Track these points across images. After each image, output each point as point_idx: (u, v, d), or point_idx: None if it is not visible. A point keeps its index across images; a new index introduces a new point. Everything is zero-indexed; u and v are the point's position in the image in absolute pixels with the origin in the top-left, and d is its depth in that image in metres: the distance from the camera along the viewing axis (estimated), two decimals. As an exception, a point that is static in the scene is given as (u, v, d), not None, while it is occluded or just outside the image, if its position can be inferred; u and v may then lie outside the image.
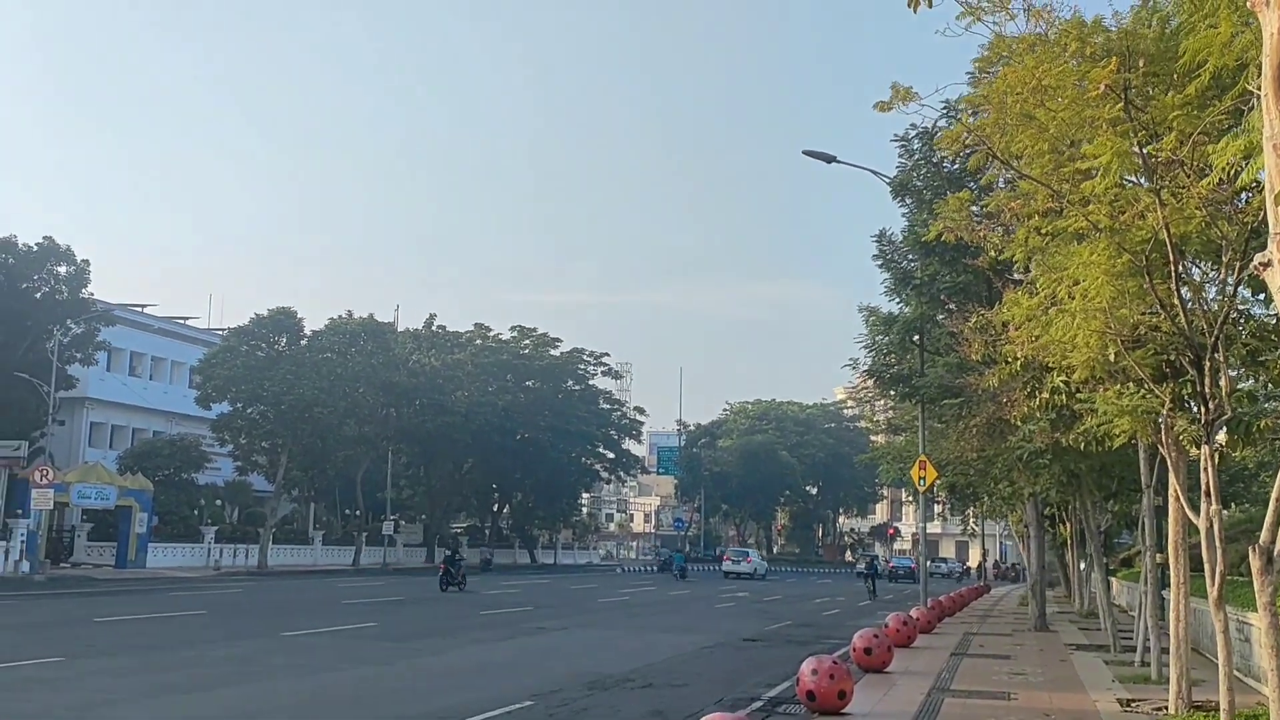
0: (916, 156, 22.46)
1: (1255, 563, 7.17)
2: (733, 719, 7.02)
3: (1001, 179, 13.63)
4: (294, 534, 57.23)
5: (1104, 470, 18.78)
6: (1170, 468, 10.29)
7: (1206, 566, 9.27)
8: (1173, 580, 11.37)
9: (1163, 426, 10.05)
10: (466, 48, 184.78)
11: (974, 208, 12.60)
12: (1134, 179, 9.41)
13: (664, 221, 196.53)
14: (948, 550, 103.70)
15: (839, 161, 25.38)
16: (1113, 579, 31.90)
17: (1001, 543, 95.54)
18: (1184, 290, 9.18)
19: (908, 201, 23.26)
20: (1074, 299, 9.09)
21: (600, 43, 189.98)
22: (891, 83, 8.40)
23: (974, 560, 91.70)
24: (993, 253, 12.23)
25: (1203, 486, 9.32)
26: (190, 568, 45.77)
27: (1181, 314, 8.85)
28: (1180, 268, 8.95)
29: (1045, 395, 12.24)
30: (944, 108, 21.01)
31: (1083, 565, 34.55)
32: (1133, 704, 11.82)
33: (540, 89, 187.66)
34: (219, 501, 53.67)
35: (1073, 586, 38.85)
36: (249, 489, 55.23)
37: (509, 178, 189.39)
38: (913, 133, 22.11)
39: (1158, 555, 15.34)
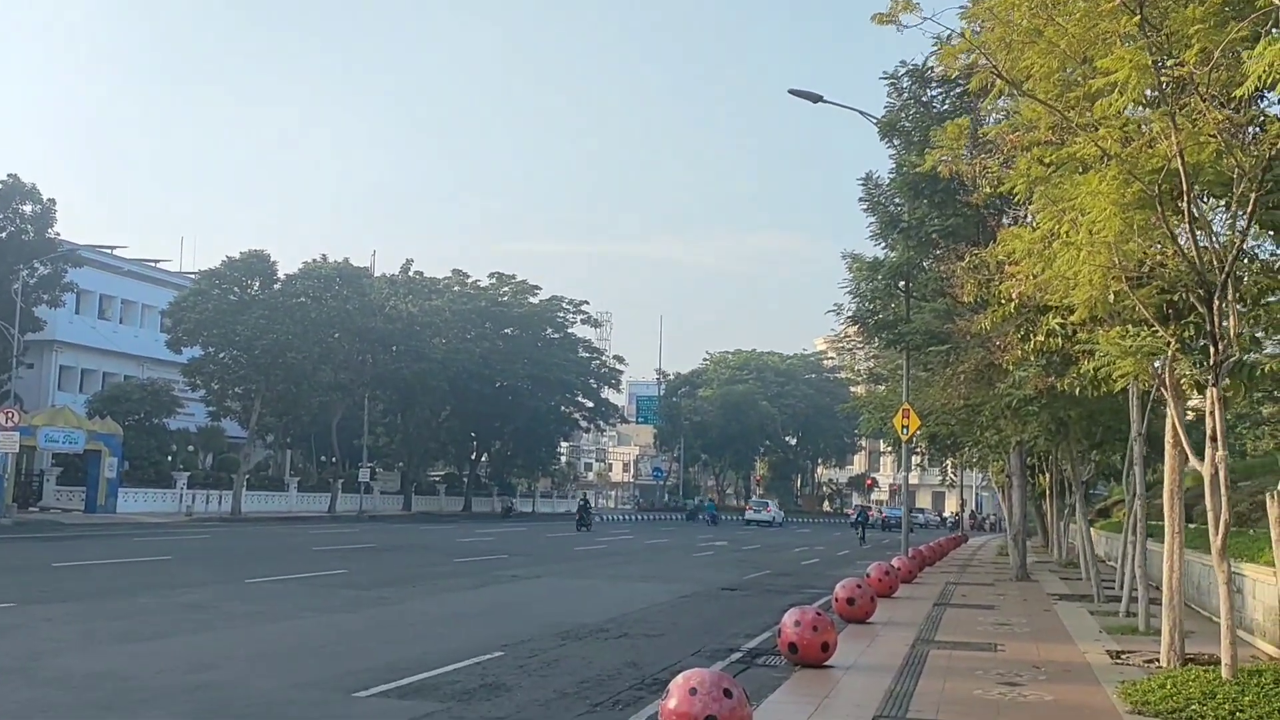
0: (906, 95, 21.73)
1: (1274, 510, 6.68)
2: (709, 674, 6.51)
3: (991, 117, 13.01)
4: (269, 480, 56.68)
5: (1091, 418, 18.39)
6: (1171, 412, 9.81)
7: (1210, 515, 8.83)
8: (1167, 530, 10.94)
9: (1165, 369, 9.54)
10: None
11: (967, 146, 11.98)
12: (1144, 109, 8.83)
13: (645, 172, 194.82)
14: (924, 501, 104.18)
15: (825, 101, 24.69)
16: (1090, 529, 31.74)
17: (977, 494, 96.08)
18: (1194, 223, 8.63)
19: (896, 143, 22.54)
20: (1079, 232, 8.52)
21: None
22: (891, -9, 7.72)
23: (950, 510, 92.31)
24: (987, 188, 11.65)
25: (1208, 431, 8.86)
26: (162, 513, 45.19)
27: (1194, 248, 8.31)
28: (1192, 199, 8.40)
29: (1040, 338, 11.74)
30: (937, 42, 20.36)
31: (1064, 514, 34.37)
32: (1122, 655, 11.45)
33: (520, 40, 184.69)
34: (191, 447, 52.95)
35: (1051, 537, 38.79)
36: (222, 435, 54.51)
37: (487, 127, 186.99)
38: (902, 70, 21.37)
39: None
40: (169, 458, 49.90)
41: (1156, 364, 10.19)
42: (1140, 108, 8.61)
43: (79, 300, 52.71)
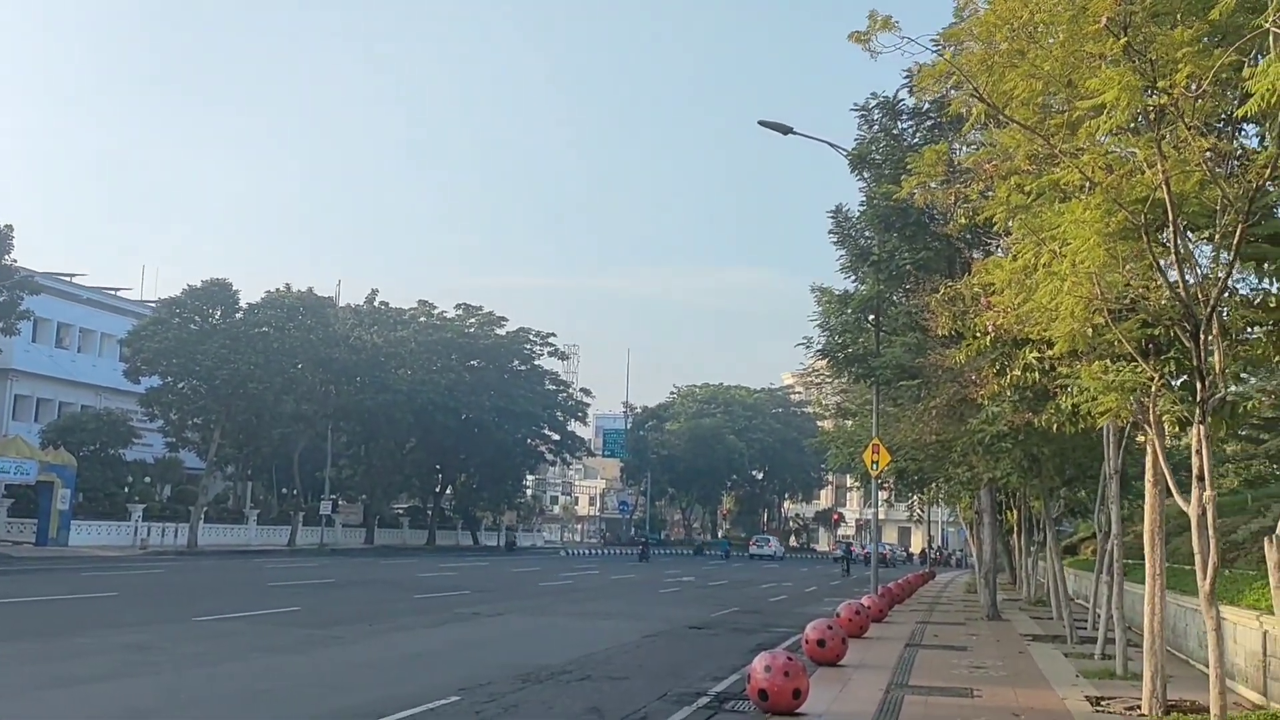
0: (876, 128, 21.62)
1: (1272, 556, 6.33)
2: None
3: (962, 149, 12.77)
4: (228, 513, 55.58)
5: (1063, 455, 18.16)
6: (1157, 449, 9.50)
7: (1198, 558, 8.48)
8: (1148, 572, 10.62)
9: (1150, 406, 9.23)
10: (416, 28, 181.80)
11: (935, 180, 11.70)
12: (1128, 133, 8.58)
13: (612, 206, 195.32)
14: (890, 536, 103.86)
15: (795, 133, 24.49)
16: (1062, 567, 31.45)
17: (943, 529, 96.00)
18: (1180, 254, 8.36)
19: (866, 175, 22.41)
20: (1062, 261, 8.22)
21: (552, 22, 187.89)
22: (870, 11, 7.42)
23: (916, 546, 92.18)
24: (963, 219, 11.37)
25: (1194, 470, 8.54)
26: (116, 546, 44.08)
27: (1181, 280, 8.02)
28: (1178, 230, 8.12)
29: (1016, 372, 11.42)
30: (908, 74, 20.23)
31: (1033, 551, 34.17)
32: (1103, 702, 11.08)
33: (491, 71, 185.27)
34: (148, 479, 51.85)
35: (1019, 574, 38.54)
36: (180, 466, 53.45)
37: (454, 159, 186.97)
38: (873, 102, 21.26)
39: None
40: (124, 489, 48.81)
41: (1134, 400, 9.90)
42: (1124, 133, 8.34)
43: (36, 328, 51.78)
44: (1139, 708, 10.48)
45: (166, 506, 50.73)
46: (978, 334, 11.49)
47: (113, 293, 60.91)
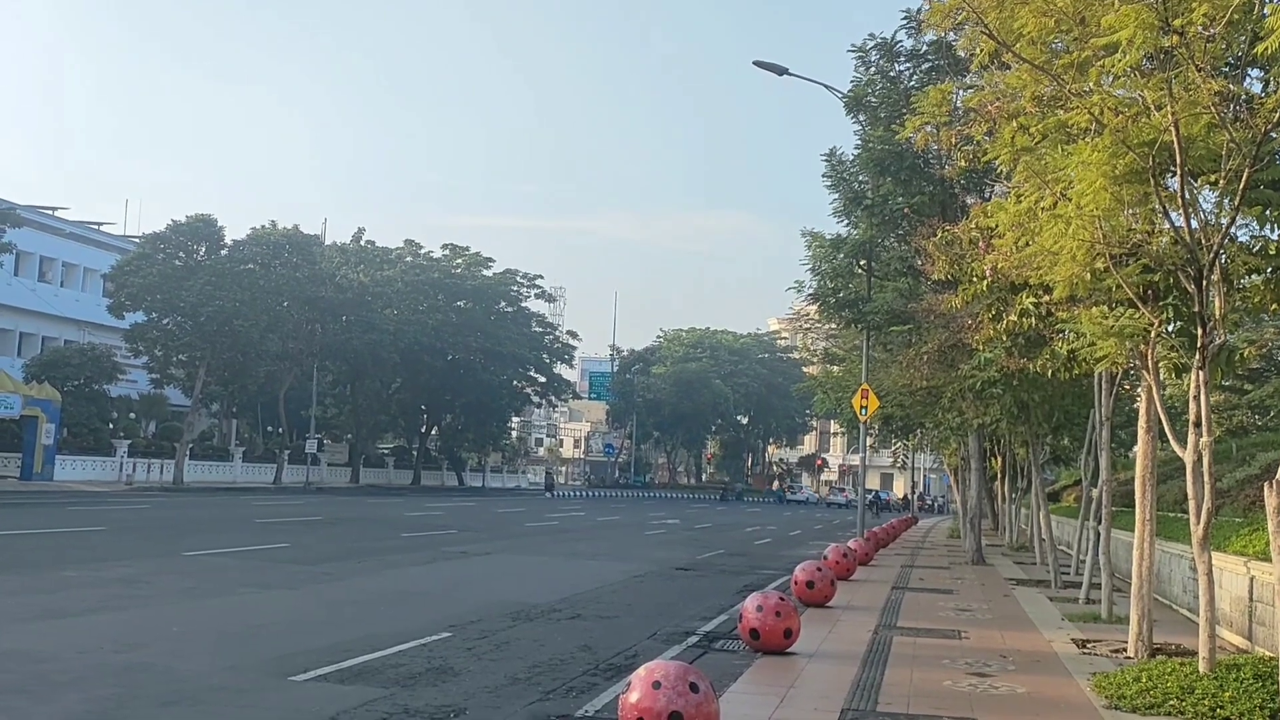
0: (873, 70, 21.30)
1: (1272, 500, 6.34)
2: (674, 666, 6.06)
3: (959, 92, 12.61)
4: (213, 450, 55.55)
5: (1051, 401, 18.19)
6: (1154, 395, 9.49)
7: (1192, 503, 8.53)
8: (1138, 517, 10.67)
9: (1148, 352, 9.20)
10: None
11: (938, 121, 11.51)
12: (1136, 74, 8.44)
13: (599, 148, 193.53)
14: (873, 482, 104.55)
15: (790, 74, 24.24)
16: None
17: (925, 475, 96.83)
18: (1187, 198, 8.28)
19: (861, 118, 22.13)
20: (1068, 203, 8.13)
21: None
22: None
23: (898, 492, 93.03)
24: (963, 162, 11.25)
25: (1191, 416, 8.54)
26: (100, 481, 44.08)
27: (1185, 223, 7.95)
28: (1186, 174, 8.04)
29: (1013, 318, 11.38)
30: (906, 15, 19.95)
31: (1015, 498, 34.49)
32: (1089, 645, 11.19)
33: (473, 11, 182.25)
34: (133, 414, 51.70)
35: (1001, 520, 38.92)
36: (165, 402, 53.26)
37: (445, 97, 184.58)
38: (870, 44, 20.94)
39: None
40: (109, 425, 48.69)
41: (1129, 346, 9.88)
42: (1132, 75, 8.21)
43: (18, 261, 51.27)
44: (1125, 650, 10.58)
45: (151, 443, 50.67)
46: (975, 278, 11.43)
47: (96, 227, 60.28)
